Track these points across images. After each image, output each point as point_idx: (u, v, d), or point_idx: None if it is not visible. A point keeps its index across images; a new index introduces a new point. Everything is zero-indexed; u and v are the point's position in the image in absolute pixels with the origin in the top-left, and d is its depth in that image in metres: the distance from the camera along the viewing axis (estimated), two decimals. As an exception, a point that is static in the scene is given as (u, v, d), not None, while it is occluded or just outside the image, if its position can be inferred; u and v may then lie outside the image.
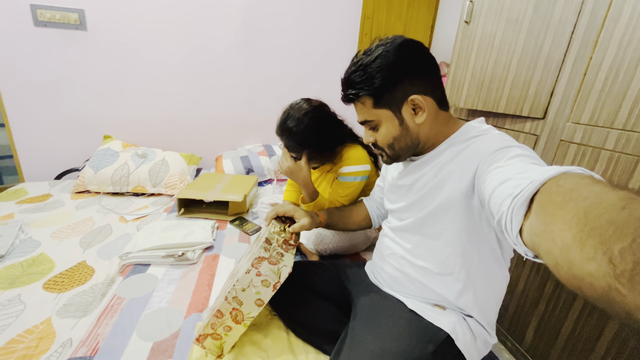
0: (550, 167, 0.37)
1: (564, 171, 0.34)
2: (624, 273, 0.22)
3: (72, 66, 1.78)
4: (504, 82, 1.15)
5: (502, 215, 0.39)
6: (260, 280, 0.64)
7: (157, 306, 0.86)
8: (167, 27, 1.85)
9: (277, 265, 0.65)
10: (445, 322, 0.60)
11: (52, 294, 0.92)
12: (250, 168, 1.90)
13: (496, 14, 1.17)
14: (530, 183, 0.36)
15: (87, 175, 1.66)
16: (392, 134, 0.64)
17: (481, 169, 0.53)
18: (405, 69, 0.60)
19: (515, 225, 0.36)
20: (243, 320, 0.66)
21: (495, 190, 0.43)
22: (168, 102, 2.00)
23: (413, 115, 0.62)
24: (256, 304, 0.65)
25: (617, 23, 0.81)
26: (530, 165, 0.43)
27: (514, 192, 0.38)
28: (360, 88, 0.62)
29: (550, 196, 0.32)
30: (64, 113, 1.84)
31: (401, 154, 0.67)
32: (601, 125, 0.85)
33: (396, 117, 0.63)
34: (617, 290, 0.23)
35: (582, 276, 0.25)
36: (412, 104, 0.61)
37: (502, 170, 0.46)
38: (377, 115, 0.64)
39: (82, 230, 1.29)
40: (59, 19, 1.67)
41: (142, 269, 1.02)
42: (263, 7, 1.95)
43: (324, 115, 1.03)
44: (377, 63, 0.59)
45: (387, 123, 0.64)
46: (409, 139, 0.64)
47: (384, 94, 0.61)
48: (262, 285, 0.64)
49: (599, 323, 0.84)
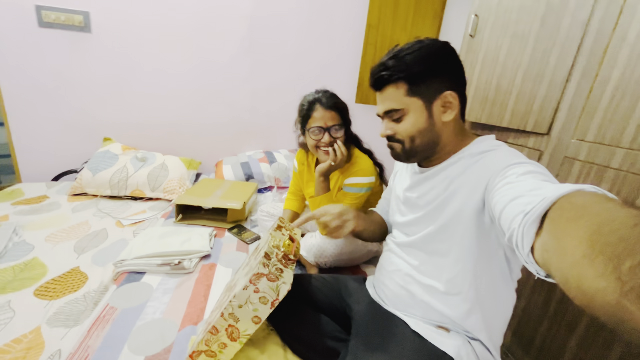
0: (563, 185, 0.36)
1: (577, 189, 0.34)
2: (633, 290, 0.22)
3: (75, 67, 1.77)
4: (508, 97, 1.15)
5: (513, 233, 0.38)
6: (258, 297, 0.62)
7: (151, 317, 0.83)
8: (172, 33, 1.86)
9: (276, 282, 0.63)
10: (449, 345, 0.58)
11: (43, 300, 0.90)
12: (251, 174, 1.88)
13: (502, 29, 1.17)
14: (542, 200, 0.35)
15: (85, 178, 1.64)
16: (418, 125, 0.62)
17: (491, 185, 0.52)
18: (446, 64, 0.61)
19: (527, 242, 0.35)
20: (239, 337, 0.64)
21: (506, 207, 0.43)
22: (170, 107, 1.99)
23: (442, 112, 0.62)
24: (253, 321, 0.63)
25: (624, 42, 0.80)
26: (542, 182, 0.42)
27: (525, 209, 0.37)
28: (399, 71, 0.60)
29: (563, 212, 0.32)
30: (64, 114, 1.83)
31: (418, 151, 0.65)
32: (607, 143, 0.84)
33: (426, 109, 0.61)
34: (625, 308, 0.22)
35: (591, 293, 0.25)
36: (444, 99, 0.61)
37: (513, 187, 0.45)
38: (406, 104, 0.62)
39: (77, 234, 1.27)
40: (63, 21, 1.67)
41: (137, 277, 1.00)
42: (268, 16, 1.95)
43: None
44: (418, 52, 0.60)
45: (416, 113, 0.62)
46: (432, 135, 0.63)
47: (420, 82, 0.60)
48: (259, 302, 0.62)
49: (605, 346, 0.82)
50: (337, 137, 1.02)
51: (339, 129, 1.02)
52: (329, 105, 1.00)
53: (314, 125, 1.01)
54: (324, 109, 1.00)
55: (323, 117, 1.00)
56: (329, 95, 1.03)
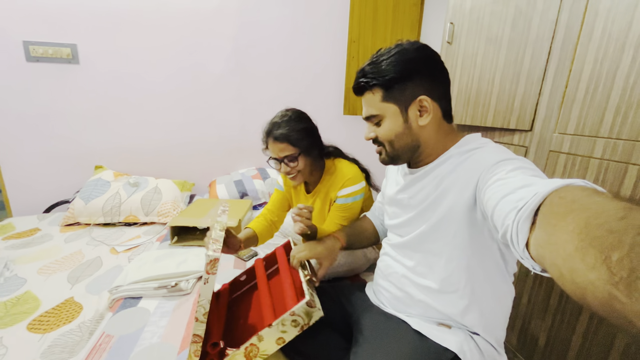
0: (553, 180, 0.37)
1: (567, 184, 0.34)
2: (622, 280, 0.22)
3: (64, 98, 1.79)
4: (489, 97, 1.19)
5: (507, 229, 0.39)
6: (291, 320, 0.62)
7: (149, 342, 0.81)
8: (158, 57, 1.89)
9: (314, 308, 0.64)
10: (452, 341, 0.57)
11: (36, 335, 0.87)
12: (245, 192, 1.89)
13: (476, 34, 1.23)
14: (534, 196, 0.36)
15: (77, 207, 1.63)
16: (394, 130, 0.64)
17: (482, 181, 0.52)
18: (419, 68, 0.62)
19: (522, 238, 0.36)
20: (256, 356, 0.63)
21: (499, 204, 0.43)
22: (160, 130, 2.01)
23: (418, 116, 0.63)
24: (277, 342, 0.63)
25: (591, 38, 0.85)
26: (532, 178, 0.43)
27: (517, 205, 0.38)
28: (373, 78, 0.63)
29: (553, 208, 0.33)
30: (54, 145, 1.83)
31: (400, 154, 0.67)
32: (587, 134, 0.87)
33: (401, 114, 0.63)
34: (616, 299, 0.23)
35: (584, 285, 0.26)
36: (419, 104, 0.62)
37: (503, 183, 0.46)
38: (383, 110, 0.64)
39: (70, 265, 1.24)
40: (51, 54, 1.70)
41: (133, 302, 0.98)
42: (252, 36, 2.01)
43: (306, 114, 1.05)
44: (393, 58, 0.61)
45: (392, 118, 0.64)
46: (410, 139, 0.64)
47: (394, 87, 0.62)
48: (290, 325, 0.63)
49: (607, 338, 0.82)
50: (292, 168, 0.97)
51: (292, 160, 0.96)
52: (276, 138, 0.95)
53: (270, 156, 1.00)
54: (273, 141, 0.96)
55: (274, 149, 0.97)
56: (280, 123, 0.97)
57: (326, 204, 1.07)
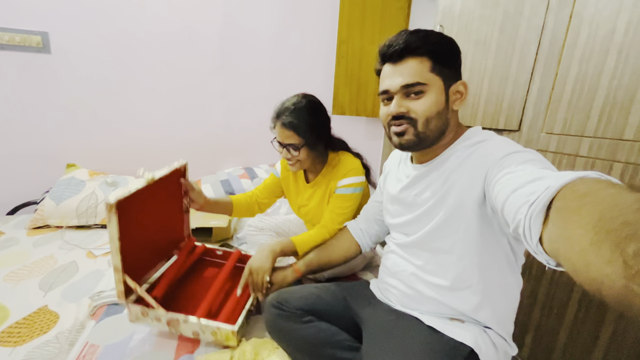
0: (565, 173, 0.36)
1: (581, 176, 0.34)
2: (638, 273, 0.22)
3: (32, 91, 1.65)
4: (478, 99, 1.23)
5: (519, 224, 0.38)
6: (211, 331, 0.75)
7: (140, 351, 0.75)
8: (139, 50, 1.80)
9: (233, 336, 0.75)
10: (467, 336, 0.57)
11: (7, 348, 0.78)
12: (232, 192, 1.82)
13: (465, 37, 1.27)
14: (546, 189, 0.35)
15: (47, 208, 1.50)
16: (438, 106, 0.59)
17: (491, 175, 0.52)
18: (459, 53, 0.62)
19: (535, 233, 0.35)
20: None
21: (510, 198, 0.42)
22: (140, 127, 1.90)
23: (454, 99, 0.61)
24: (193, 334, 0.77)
25: (577, 42, 0.90)
26: (542, 171, 0.42)
27: (529, 199, 0.37)
28: (425, 44, 0.58)
29: (566, 202, 0.32)
30: (20, 142, 1.68)
31: (430, 135, 0.61)
32: (573, 134, 0.92)
33: (444, 92, 0.60)
34: (633, 292, 0.22)
35: (600, 279, 0.25)
36: (457, 87, 0.61)
37: (514, 177, 0.45)
38: (430, 80, 0.58)
39: (41, 270, 1.14)
40: (18, 42, 1.56)
41: (118, 309, 0.91)
42: (239, 32, 1.96)
43: (321, 105, 1.03)
44: (441, 36, 0.60)
45: (437, 92, 0.59)
46: (445, 121, 0.61)
47: (443, 63, 0.59)
48: (209, 333, 0.76)
49: (595, 328, 0.86)
50: (294, 156, 0.97)
51: (295, 149, 0.96)
52: (283, 124, 0.94)
53: (275, 139, 1.00)
54: (280, 126, 0.95)
55: (280, 134, 0.97)
56: (293, 110, 0.95)
57: (326, 195, 1.06)
